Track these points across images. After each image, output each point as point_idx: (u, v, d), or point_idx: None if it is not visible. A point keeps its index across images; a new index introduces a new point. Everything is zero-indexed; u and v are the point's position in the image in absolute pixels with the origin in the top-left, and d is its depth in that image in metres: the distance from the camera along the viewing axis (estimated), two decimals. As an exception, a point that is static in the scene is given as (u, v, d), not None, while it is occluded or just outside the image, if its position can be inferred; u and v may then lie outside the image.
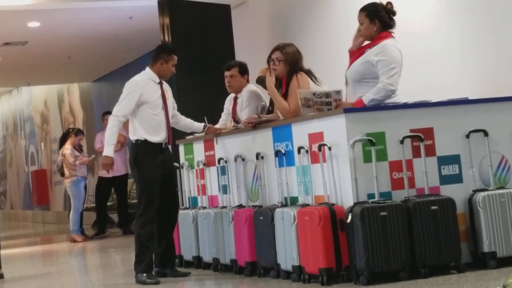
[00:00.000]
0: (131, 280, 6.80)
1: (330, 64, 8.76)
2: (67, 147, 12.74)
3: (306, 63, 6.70)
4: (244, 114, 7.26)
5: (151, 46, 14.31)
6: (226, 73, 7.47)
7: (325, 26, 9.30)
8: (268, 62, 6.51)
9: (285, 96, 6.37)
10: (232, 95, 7.56)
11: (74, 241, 12.48)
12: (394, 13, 6.16)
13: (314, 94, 5.95)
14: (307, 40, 9.55)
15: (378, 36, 6.10)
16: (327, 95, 5.93)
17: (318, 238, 5.49)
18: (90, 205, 15.41)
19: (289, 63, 6.39)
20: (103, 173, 13.11)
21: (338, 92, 5.94)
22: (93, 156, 13.05)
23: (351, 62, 6.23)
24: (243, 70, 7.46)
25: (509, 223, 5.63)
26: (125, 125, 6.99)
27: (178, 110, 7.17)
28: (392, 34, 6.14)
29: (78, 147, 12.85)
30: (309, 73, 6.43)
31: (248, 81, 7.51)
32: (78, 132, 13.09)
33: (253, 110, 7.27)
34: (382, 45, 6.01)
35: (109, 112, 13.74)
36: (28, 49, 13.66)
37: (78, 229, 12.63)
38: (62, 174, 12.91)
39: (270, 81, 6.45)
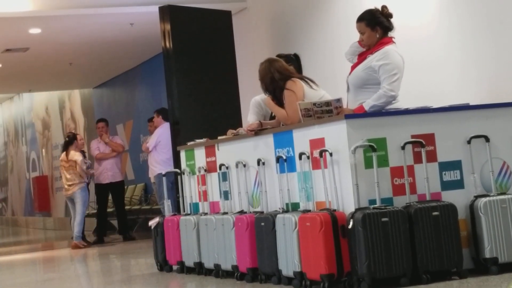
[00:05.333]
0: (132, 286, 6.87)
1: (330, 70, 8.76)
2: (78, 154, 12.67)
3: (306, 69, 6.70)
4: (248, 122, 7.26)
5: (153, 53, 14.42)
6: None
7: (325, 32, 9.30)
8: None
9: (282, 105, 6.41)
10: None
11: (76, 247, 12.47)
12: (391, 16, 6.17)
13: (314, 104, 5.94)
14: (307, 46, 9.55)
15: (379, 42, 6.10)
16: (328, 103, 5.91)
17: (319, 244, 5.49)
18: (91, 211, 15.40)
19: (263, 80, 6.49)
20: (101, 179, 13.12)
21: (338, 100, 5.92)
22: (93, 171, 13.12)
23: (353, 68, 6.23)
24: None
25: (511, 229, 5.61)
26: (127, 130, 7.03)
27: (179, 115, 7.18)
28: (393, 39, 6.15)
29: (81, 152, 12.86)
30: (303, 79, 6.44)
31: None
32: (75, 135, 13.13)
33: (257, 118, 7.26)
34: (385, 51, 6.01)
35: (102, 120, 13.86)
36: (29, 55, 13.65)
37: (80, 235, 12.62)
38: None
39: (267, 98, 6.56)
